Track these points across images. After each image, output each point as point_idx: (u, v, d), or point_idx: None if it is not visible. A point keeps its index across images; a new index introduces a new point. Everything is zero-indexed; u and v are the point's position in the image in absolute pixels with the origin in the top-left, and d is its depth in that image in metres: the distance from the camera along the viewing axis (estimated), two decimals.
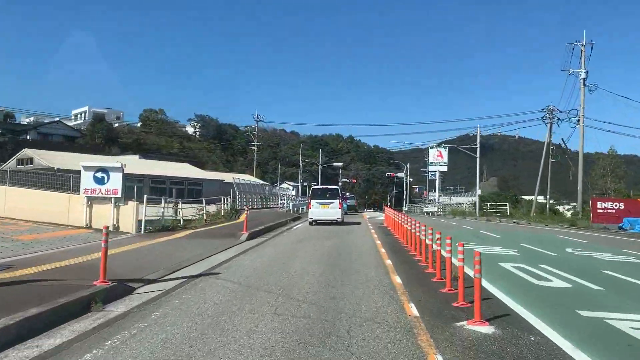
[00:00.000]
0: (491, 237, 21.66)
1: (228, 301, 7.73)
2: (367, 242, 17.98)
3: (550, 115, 57.87)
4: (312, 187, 33.39)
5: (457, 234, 21.73)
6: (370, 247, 15.99)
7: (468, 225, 31.62)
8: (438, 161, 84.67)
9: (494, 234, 23.39)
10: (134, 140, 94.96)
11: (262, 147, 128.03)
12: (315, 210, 27.72)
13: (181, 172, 56.48)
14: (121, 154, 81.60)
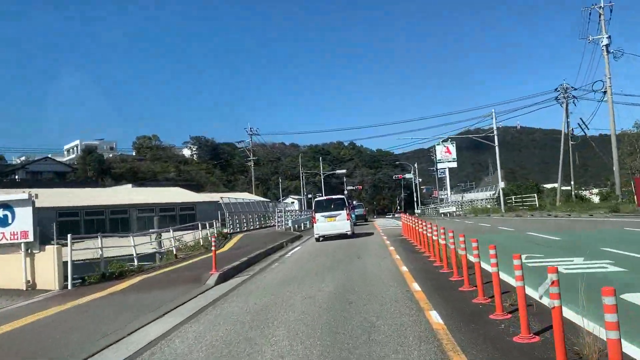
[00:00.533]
0: (549, 241, 15.98)
1: None
2: (387, 270, 12.30)
3: (565, 93, 52.33)
4: (315, 200, 28.40)
5: (500, 240, 16.14)
6: (395, 282, 10.31)
7: (503, 224, 25.88)
8: (446, 157, 79.04)
9: (547, 235, 17.70)
10: (127, 170, 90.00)
11: (263, 162, 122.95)
12: (320, 225, 24.54)
13: (172, 197, 51.10)
14: (115, 184, 76.73)
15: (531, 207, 39.45)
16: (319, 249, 20.02)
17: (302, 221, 37.78)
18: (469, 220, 33.96)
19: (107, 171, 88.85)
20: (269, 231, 31.58)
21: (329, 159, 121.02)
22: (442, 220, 36.33)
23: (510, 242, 16.46)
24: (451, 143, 78.98)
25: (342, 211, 24.68)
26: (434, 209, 60.22)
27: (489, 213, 40.96)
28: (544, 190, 54.61)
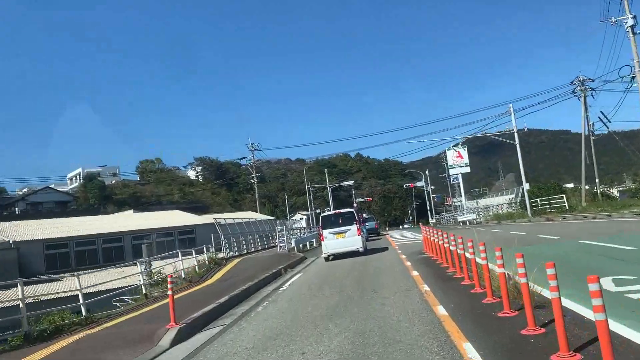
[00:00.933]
0: (620, 252, 12.05)
1: None
2: (417, 317, 8.37)
3: (582, 86, 48.40)
4: (322, 215, 24.94)
5: (553, 254, 12.26)
6: (435, 343, 6.40)
7: (540, 232, 21.88)
8: (458, 162, 74.89)
9: (610, 243, 13.73)
10: (130, 195, 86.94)
11: (269, 180, 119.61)
12: (329, 243, 22.13)
13: (170, 221, 47.50)
14: (117, 211, 73.55)
15: (560, 209, 35.33)
16: (324, 275, 16.19)
17: (308, 239, 33.96)
18: (495, 228, 29.89)
19: (109, 198, 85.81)
20: (270, 253, 27.78)
21: (336, 171, 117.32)
22: (463, 230, 32.35)
23: (572, 256, 12.53)
24: (462, 147, 74.93)
25: (351, 226, 22.04)
26: (451, 218, 55.97)
27: (514, 219, 36.88)
28: (566, 191, 50.43)
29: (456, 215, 51.29)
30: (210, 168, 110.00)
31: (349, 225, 21.94)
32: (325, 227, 22.27)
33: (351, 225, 21.96)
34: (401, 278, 13.00)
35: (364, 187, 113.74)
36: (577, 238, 16.79)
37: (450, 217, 59.58)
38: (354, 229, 21.91)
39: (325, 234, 21.99)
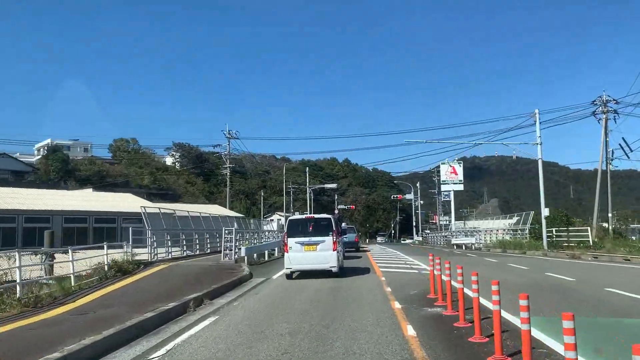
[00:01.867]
0: None
1: None
2: None
3: (605, 107, 41.59)
4: (289, 219, 17.87)
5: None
6: None
7: (613, 283, 14.50)
8: (452, 179, 67.93)
9: None
10: (94, 173, 78.41)
11: (250, 175, 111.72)
12: (294, 256, 16.08)
13: (113, 205, 39.57)
14: (79, 188, 65.22)
15: (581, 245, 28.15)
16: (264, 316, 8.60)
17: (270, 247, 26.38)
18: (511, 261, 22.45)
19: (72, 173, 77.32)
20: (209, 263, 20.14)
21: (321, 175, 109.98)
22: (466, 258, 25.09)
23: None
24: (458, 163, 68.10)
25: (326, 237, 16.07)
26: (441, 238, 48.52)
27: (524, 249, 29.61)
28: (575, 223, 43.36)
29: (449, 237, 43.96)
30: (188, 155, 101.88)
31: (323, 236, 15.98)
32: (292, 234, 16.23)
33: (326, 236, 15.99)
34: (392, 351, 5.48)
35: (348, 194, 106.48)
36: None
37: (440, 237, 52.07)
38: (329, 242, 15.89)
39: (291, 243, 16.00)
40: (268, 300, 11.19)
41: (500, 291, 6.25)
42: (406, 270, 17.17)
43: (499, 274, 16.25)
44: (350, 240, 29.57)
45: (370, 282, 13.86)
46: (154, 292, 12.20)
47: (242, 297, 12.06)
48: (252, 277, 16.60)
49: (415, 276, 15.38)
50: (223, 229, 21.17)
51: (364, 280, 14.71)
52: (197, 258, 23.70)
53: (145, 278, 15.36)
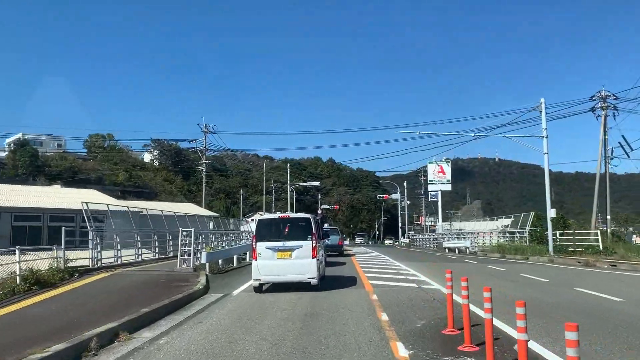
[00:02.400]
0: None
1: None
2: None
3: (604, 102, 38.77)
4: (259, 219, 14.48)
5: None
6: None
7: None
8: (439, 178, 64.88)
9: None
10: (66, 169, 73.70)
11: (231, 174, 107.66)
12: (265, 264, 12.61)
13: (68, 201, 35.42)
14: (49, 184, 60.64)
15: (591, 250, 24.95)
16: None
17: (243, 250, 22.69)
18: (525, 271, 19.09)
19: (42, 169, 72.59)
20: (162, 271, 16.41)
21: (305, 174, 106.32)
22: (463, 265, 21.73)
23: None
24: (446, 162, 65.05)
25: (304, 242, 12.67)
26: (432, 240, 45.01)
27: (527, 254, 26.36)
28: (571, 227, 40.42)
29: (440, 240, 40.60)
30: (167, 152, 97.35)
31: (301, 240, 12.56)
32: (262, 237, 12.76)
33: (304, 240, 12.57)
34: None
35: (332, 194, 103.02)
36: None
37: (429, 240, 48.64)
38: (308, 248, 12.48)
39: (261, 248, 12.56)
40: (210, 337, 7.56)
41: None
42: (402, 284, 13.68)
43: (517, 289, 12.84)
44: (334, 244, 26.02)
45: (358, 304, 10.30)
46: (52, 320, 8.50)
47: (178, 328, 8.39)
48: (208, 291, 12.97)
49: (416, 293, 11.86)
50: (180, 229, 17.39)
51: (349, 298, 11.15)
52: (153, 264, 19.96)
53: (62, 295, 11.61)
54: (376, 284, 13.47)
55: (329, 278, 15.12)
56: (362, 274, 16.64)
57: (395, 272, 17.58)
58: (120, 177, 78.25)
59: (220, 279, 15.67)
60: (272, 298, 11.46)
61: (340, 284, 13.83)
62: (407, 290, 12.24)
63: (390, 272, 17.62)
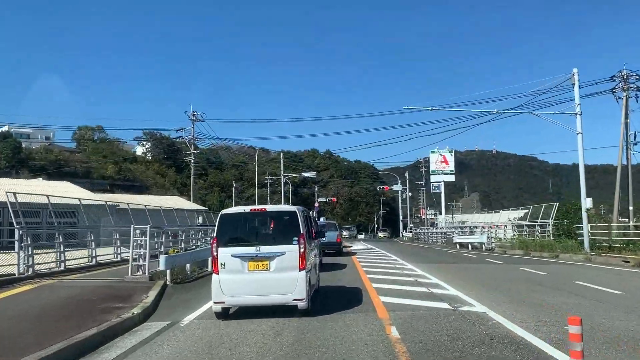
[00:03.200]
0: None
1: None
2: None
3: (625, 83, 34.69)
4: (221, 214, 9.06)
5: None
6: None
7: None
8: (442, 169, 60.76)
9: None
10: (51, 162, 69.45)
11: (226, 167, 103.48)
12: (229, 279, 8.11)
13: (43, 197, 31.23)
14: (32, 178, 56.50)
15: (629, 246, 20.91)
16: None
17: (192, 259, 18.50)
18: (567, 273, 15.07)
19: (25, 162, 68.39)
20: (108, 281, 12.33)
21: (302, 166, 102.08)
22: (489, 267, 17.71)
23: None
24: (449, 152, 60.94)
25: (288, 246, 8.41)
26: (441, 236, 40.71)
27: (556, 251, 22.41)
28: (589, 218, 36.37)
29: (450, 234, 36.49)
30: (160, 145, 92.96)
31: (283, 244, 8.45)
32: (226, 240, 8.60)
33: (287, 243, 8.44)
34: None
35: (330, 186, 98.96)
36: None
37: (437, 234, 44.39)
38: (293, 255, 8.38)
39: (225, 257, 8.39)
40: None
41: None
42: (427, 302, 9.57)
43: (595, 310, 8.78)
44: (331, 241, 21.91)
45: (370, 350, 6.20)
46: None
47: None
48: (151, 316, 8.92)
49: (455, 322, 7.78)
50: (132, 227, 13.28)
51: (355, 334, 7.10)
52: (107, 269, 15.89)
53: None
54: (391, 304, 9.38)
55: (325, 291, 11.09)
56: (368, 283, 12.56)
57: (410, 279, 13.50)
58: (110, 171, 74.11)
59: (180, 293, 11.60)
60: (239, 332, 7.39)
61: (340, 302, 9.77)
62: (439, 317, 8.16)
63: (403, 279, 13.54)
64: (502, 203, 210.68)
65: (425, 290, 11.07)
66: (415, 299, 9.89)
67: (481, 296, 10.18)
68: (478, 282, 12.52)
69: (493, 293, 10.71)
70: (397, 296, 10.30)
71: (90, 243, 17.30)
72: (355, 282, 12.92)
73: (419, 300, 9.73)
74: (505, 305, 9.17)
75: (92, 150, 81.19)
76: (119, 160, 78.52)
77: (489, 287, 11.62)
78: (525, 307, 8.91)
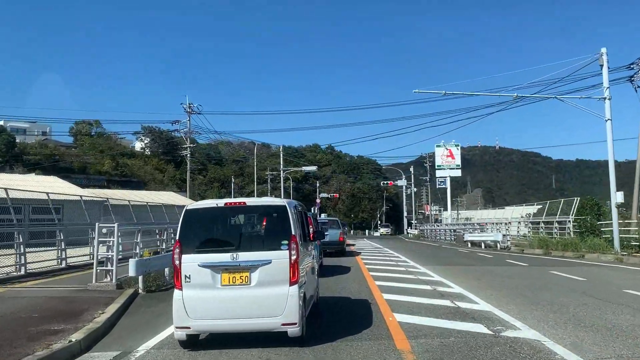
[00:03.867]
0: None
1: None
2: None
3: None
4: (186, 209, 6.63)
5: None
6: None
7: None
8: (448, 163, 58.72)
9: None
10: (45, 157, 67.51)
11: (226, 163, 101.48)
12: (197, 296, 5.99)
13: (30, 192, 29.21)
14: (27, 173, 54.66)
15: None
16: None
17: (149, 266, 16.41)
18: (614, 279, 12.96)
19: (20, 157, 66.49)
20: (69, 289, 10.22)
21: (303, 162, 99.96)
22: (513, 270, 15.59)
23: None
24: (455, 145, 58.84)
25: (275, 252, 6.07)
26: (451, 233, 38.32)
27: (580, 250, 20.23)
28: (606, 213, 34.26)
29: (461, 231, 34.22)
30: (159, 140, 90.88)
31: (268, 249, 6.19)
32: (192, 245, 6.29)
33: (275, 248, 6.17)
34: None
35: (332, 182, 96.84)
36: None
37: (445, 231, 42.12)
38: (282, 264, 6.11)
39: (190, 267, 6.13)
40: None
41: None
42: (456, 324, 7.39)
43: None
44: (333, 240, 19.80)
45: None
46: None
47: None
48: (100, 341, 6.81)
49: (502, 357, 5.67)
50: (96, 224, 11.17)
51: None
52: (73, 274, 13.80)
53: None
54: (410, 325, 7.25)
55: (325, 303, 9.01)
56: (377, 293, 10.42)
57: (427, 287, 11.34)
58: (106, 166, 72.14)
59: (151, 305, 9.49)
60: None
61: (344, 322, 7.66)
62: (478, 348, 6.02)
63: (419, 287, 11.39)
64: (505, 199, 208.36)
65: (449, 305, 8.93)
66: (441, 318, 7.75)
67: (523, 313, 8.06)
68: (510, 292, 10.40)
69: (535, 308, 8.58)
70: (416, 313, 8.17)
71: (59, 243, 15.20)
72: (362, 291, 10.79)
73: (445, 320, 7.59)
74: (560, 328, 7.04)
75: (89, 145, 79.25)
76: (116, 154, 76.55)
77: (525, 299, 9.49)
78: (589, 333, 6.77)
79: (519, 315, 7.87)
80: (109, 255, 11.32)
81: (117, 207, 26.88)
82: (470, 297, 9.71)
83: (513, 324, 7.28)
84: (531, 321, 7.43)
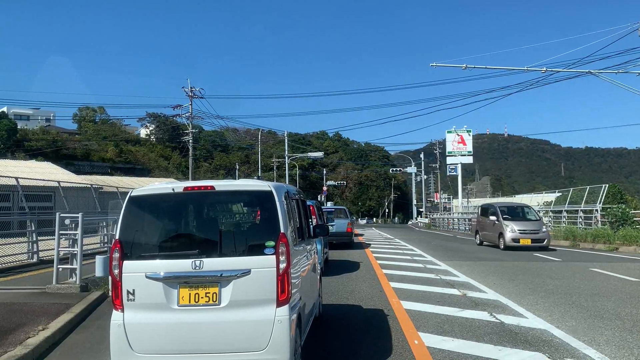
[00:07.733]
0: None
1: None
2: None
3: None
4: (130, 196, 4.43)
5: None
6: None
7: None
8: (459, 150, 56.39)
9: None
10: (48, 144, 66.08)
11: (232, 150, 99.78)
12: (144, 322, 4.02)
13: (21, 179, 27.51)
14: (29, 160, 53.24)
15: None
16: None
17: None
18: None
19: (21, 144, 65.10)
20: (17, 293, 8.34)
21: (309, 149, 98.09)
22: (559, 268, 13.55)
23: None
24: (467, 131, 56.44)
25: (254, 257, 3.98)
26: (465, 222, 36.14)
27: (614, 244, 18.09)
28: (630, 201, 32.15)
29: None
30: (164, 127, 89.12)
31: (246, 254, 4.10)
32: (135, 247, 4.19)
33: (255, 251, 4.08)
34: None
35: (339, 170, 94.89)
36: None
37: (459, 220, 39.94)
38: (264, 274, 4.01)
39: (134, 277, 4.07)
40: None
41: None
42: (506, 350, 5.56)
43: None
44: (340, 231, 17.89)
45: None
46: None
47: None
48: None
49: None
50: (57, 214, 9.29)
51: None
52: (44, 270, 11.97)
53: None
54: (446, 355, 5.31)
55: (330, 315, 7.07)
56: (394, 299, 8.46)
57: (455, 291, 9.35)
58: (110, 153, 70.64)
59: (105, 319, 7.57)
60: None
61: (355, 346, 5.72)
62: None
63: (446, 292, 9.41)
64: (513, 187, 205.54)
65: (489, 319, 6.94)
66: (483, 342, 5.77)
67: (590, 334, 6.07)
68: (560, 299, 8.39)
69: (604, 325, 6.58)
70: (448, 332, 6.19)
71: (30, 235, 13.37)
72: (375, 296, 8.84)
73: (490, 345, 5.62)
74: None
75: (93, 131, 77.78)
76: (119, 140, 74.98)
77: (583, 311, 7.49)
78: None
79: (586, 337, 5.89)
80: (74, 251, 9.46)
81: (111, 195, 25.22)
82: (512, 307, 7.72)
83: (586, 353, 5.29)
84: (603, 347, 5.45)
